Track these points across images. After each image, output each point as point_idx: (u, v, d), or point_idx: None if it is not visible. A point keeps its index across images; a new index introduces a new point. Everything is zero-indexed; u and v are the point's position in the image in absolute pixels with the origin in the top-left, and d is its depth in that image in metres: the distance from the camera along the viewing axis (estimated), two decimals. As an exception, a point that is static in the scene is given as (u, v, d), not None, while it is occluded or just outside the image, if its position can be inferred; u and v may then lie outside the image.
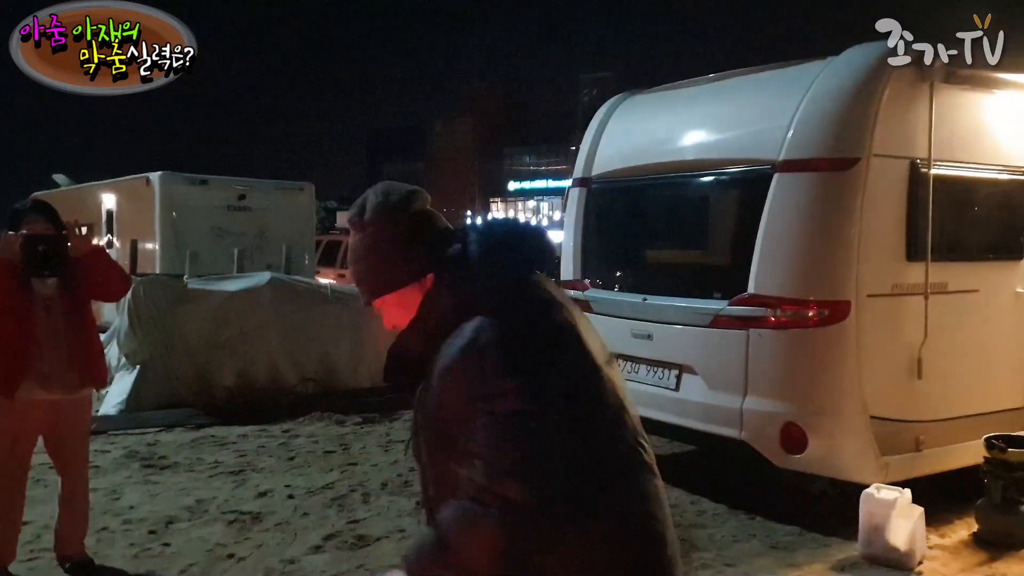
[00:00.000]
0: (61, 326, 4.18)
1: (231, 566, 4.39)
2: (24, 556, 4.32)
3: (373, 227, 1.68)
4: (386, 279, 1.68)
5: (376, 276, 1.69)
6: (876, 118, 4.75)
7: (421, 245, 1.68)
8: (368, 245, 1.69)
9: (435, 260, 1.67)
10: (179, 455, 6.52)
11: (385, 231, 1.68)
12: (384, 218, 1.68)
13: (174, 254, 10.65)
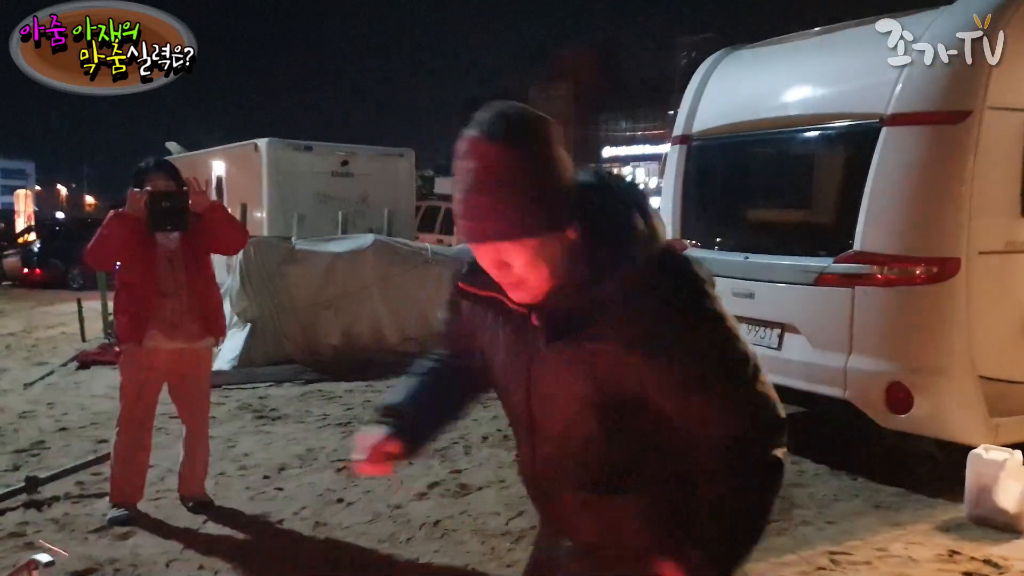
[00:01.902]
0: (183, 278, 4.44)
1: (341, 509, 4.61)
2: (151, 496, 4.64)
3: (526, 152, 1.33)
4: (536, 219, 1.35)
5: (522, 214, 1.33)
6: (991, 69, 4.55)
7: (573, 185, 1.40)
8: (517, 173, 1.32)
9: (587, 206, 1.42)
10: (289, 408, 6.84)
11: (542, 159, 1.35)
12: (541, 144, 1.35)
13: (281, 218, 11.04)
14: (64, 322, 11.96)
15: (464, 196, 1.36)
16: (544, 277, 1.41)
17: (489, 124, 1.34)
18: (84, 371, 8.38)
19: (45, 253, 19.51)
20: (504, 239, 1.36)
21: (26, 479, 4.75)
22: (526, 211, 1.33)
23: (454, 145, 1.38)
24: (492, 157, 1.32)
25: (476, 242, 1.40)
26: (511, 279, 1.42)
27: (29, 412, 6.75)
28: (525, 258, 1.38)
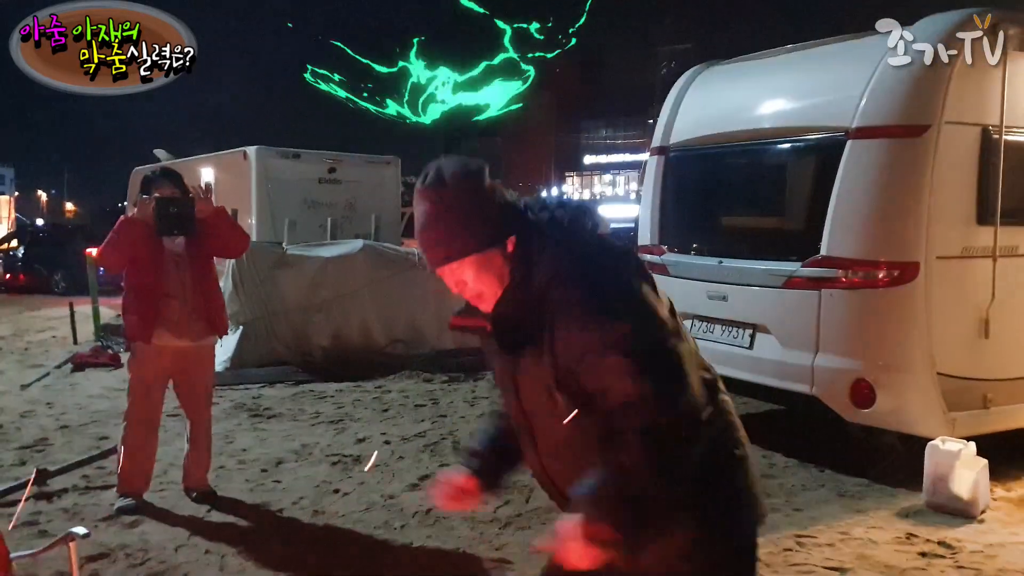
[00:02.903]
0: (189, 280, 4.69)
1: (337, 499, 4.86)
2: (155, 488, 4.87)
3: (455, 192, 1.70)
4: (470, 241, 1.70)
5: (458, 239, 1.70)
6: (948, 86, 4.89)
7: (501, 210, 1.73)
8: (450, 209, 1.70)
9: (518, 224, 1.74)
10: (282, 407, 7.08)
11: (467, 195, 1.70)
12: (466, 184, 1.71)
13: (270, 224, 11.25)
14: (53, 326, 12.10)
15: (419, 233, 1.76)
16: (495, 287, 1.74)
17: (427, 175, 1.73)
18: (79, 373, 8.56)
19: (28, 259, 19.56)
20: (450, 261, 1.72)
21: (36, 471, 4.95)
22: (460, 236, 1.70)
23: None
24: (429, 200, 1.71)
25: (434, 267, 1.75)
26: (471, 294, 1.76)
27: (29, 412, 6.94)
28: (472, 273, 1.73)
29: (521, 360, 1.75)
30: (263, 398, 7.41)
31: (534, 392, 1.75)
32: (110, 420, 6.45)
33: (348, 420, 6.64)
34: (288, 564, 3.96)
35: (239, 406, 7.06)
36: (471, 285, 1.74)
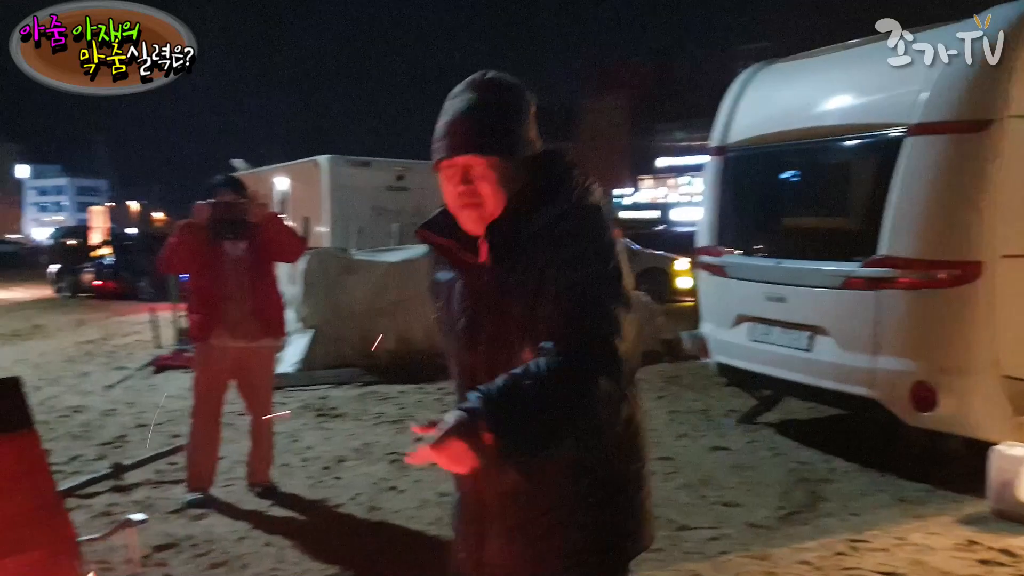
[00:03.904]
0: (246, 283, 4.88)
1: (393, 496, 4.99)
2: (222, 483, 5.08)
3: (506, 92, 1.71)
4: (504, 139, 1.67)
5: (493, 133, 1.67)
6: (1011, 80, 4.74)
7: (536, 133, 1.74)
8: (495, 104, 1.69)
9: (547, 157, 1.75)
10: (347, 407, 7.28)
11: (516, 100, 1.72)
12: (517, 91, 1.73)
13: (340, 230, 11.54)
14: (138, 330, 12.63)
15: (450, 119, 1.71)
16: (498, 200, 1.70)
17: (481, 73, 1.75)
18: (159, 375, 8.95)
19: (117, 266, 20.43)
20: (473, 151, 1.67)
21: (112, 466, 5.23)
22: (496, 132, 1.68)
23: None
24: (478, 91, 1.71)
25: (451, 154, 1.69)
26: (471, 199, 1.70)
27: (111, 410, 7.30)
28: (486, 174, 1.68)
29: (495, 278, 1.71)
30: (330, 398, 7.62)
31: (493, 314, 1.71)
32: (184, 419, 6.69)
33: (409, 420, 6.73)
34: (342, 558, 4.10)
35: (307, 406, 7.28)
36: (477, 186, 1.69)
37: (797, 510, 4.72)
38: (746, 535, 4.36)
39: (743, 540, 4.28)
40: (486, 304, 1.74)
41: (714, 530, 4.40)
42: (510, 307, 1.69)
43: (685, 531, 4.37)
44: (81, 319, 15.03)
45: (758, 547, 4.17)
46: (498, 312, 1.71)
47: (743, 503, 4.83)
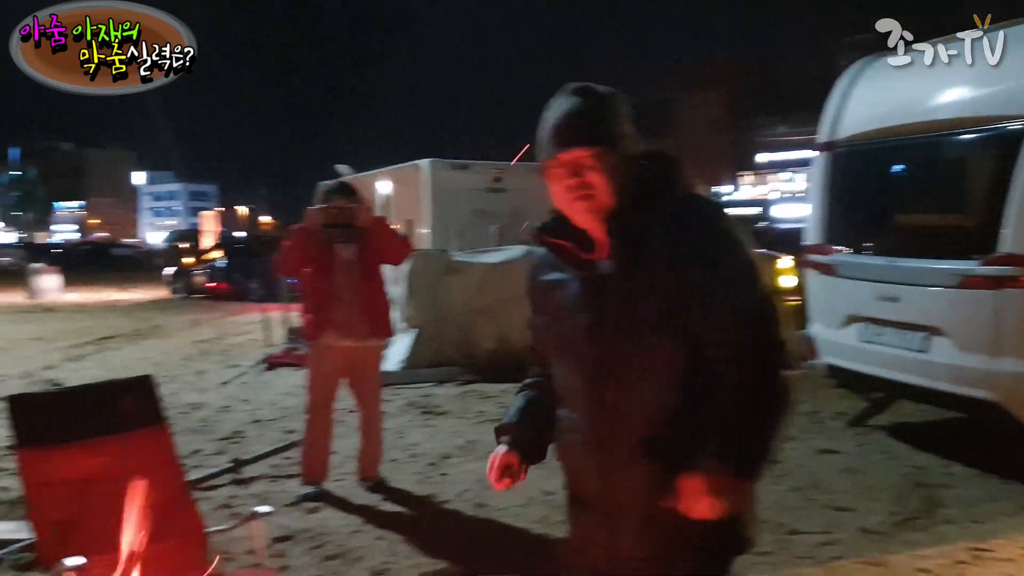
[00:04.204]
0: (355, 284, 5.05)
1: (498, 494, 5.02)
2: (334, 477, 5.26)
3: (608, 94, 1.80)
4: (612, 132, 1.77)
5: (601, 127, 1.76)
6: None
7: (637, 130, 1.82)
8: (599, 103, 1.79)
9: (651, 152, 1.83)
10: (450, 405, 7.42)
11: (618, 101, 1.81)
12: (618, 95, 1.83)
13: (441, 232, 11.73)
14: (249, 330, 13.16)
15: (553, 122, 1.79)
16: (608, 191, 1.75)
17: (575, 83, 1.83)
18: (271, 372, 9.33)
19: (229, 268, 21.32)
20: (584, 145, 1.74)
21: (232, 460, 5.49)
22: (603, 126, 1.76)
23: None
24: (582, 95, 1.79)
25: (561, 150, 1.76)
26: (582, 191, 1.76)
27: (227, 407, 7.65)
28: (595, 167, 1.74)
29: (619, 272, 1.75)
30: (433, 397, 7.79)
31: (620, 308, 1.75)
32: (297, 415, 6.97)
33: (511, 419, 6.86)
34: (452, 552, 4.20)
35: (411, 404, 7.46)
36: (586, 178, 1.75)
37: (913, 516, 4.57)
38: (859, 540, 4.25)
39: (856, 546, 4.18)
40: (611, 299, 1.77)
41: (825, 535, 4.31)
42: (637, 300, 1.73)
43: (795, 535, 4.29)
44: (196, 319, 15.77)
45: (872, 553, 4.06)
46: (625, 306, 1.75)
47: (855, 507, 4.71)
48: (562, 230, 1.84)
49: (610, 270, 1.77)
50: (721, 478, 1.61)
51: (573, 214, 1.80)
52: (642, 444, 1.76)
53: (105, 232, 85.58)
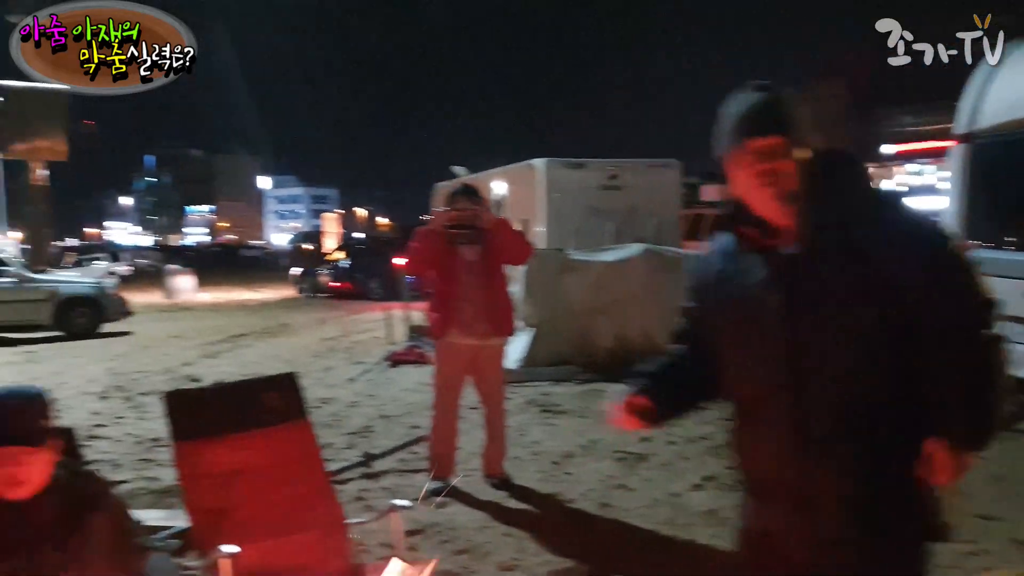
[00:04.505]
0: (479, 284, 5.14)
1: (623, 494, 5.06)
2: (460, 473, 5.35)
3: (783, 90, 1.92)
4: (799, 125, 1.86)
5: (796, 122, 1.86)
6: None
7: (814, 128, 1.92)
8: (782, 96, 1.90)
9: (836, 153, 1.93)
10: (570, 404, 7.45)
11: (794, 96, 1.91)
12: (789, 90, 1.94)
13: (557, 231, 11.78)
14: (372, 328, 13.56)
15: (746, 111, 1.88)
16: (795, 179, 1.83)
17: (762, 81, 1.93)
18: (394, 369, 9.59)
19: (351, 268, 22.02)
20: (772, 132, 1.83)
21: (363, 454, 5.67)
22: (786, 117, 1.85)
23: None
24: (759, 90, 1.90)
25: (749, 137, 1.84)
26: (771, 176, 1.83)
27: (355, 402, 7.90)
28: (784, 154, 1.82)
29: (811, 260, 1.80)
30: (552, 395, 7.83)
31: (817, 296, 1.79)
32: (421, 411, 7.14)
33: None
34: (579, 551, 4.21)
35: (531, 402, 7.52)
36: (775, 165, 1.82)
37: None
38: (1010, 552, 4.03)
39: (1007, 557, 3.97)
40: (802, 280, 1.81)
41: (972, 544, 4.10)
42: (828, 281, 1.78)
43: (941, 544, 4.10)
44: (322, 317, 16.36)
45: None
46: (817, 287, 1.80)
47: (1005, 517, 4.46)
48: (742, 220, 1.91)
49: (798, 252, 1.82)
50: (962, 447, 1.73)
51: (759, 200, 1.86)
52: (841, 424, 1.78)
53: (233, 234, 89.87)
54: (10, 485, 2.10)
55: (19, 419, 2.16)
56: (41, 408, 2.21)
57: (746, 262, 1.90)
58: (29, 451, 2.12)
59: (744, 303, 1.90)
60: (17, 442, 2.12)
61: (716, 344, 1.98)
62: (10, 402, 2.18)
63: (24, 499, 2.12)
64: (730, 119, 1.89)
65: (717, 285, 1.97)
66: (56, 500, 2.16)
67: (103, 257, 30.94)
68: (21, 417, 2.16)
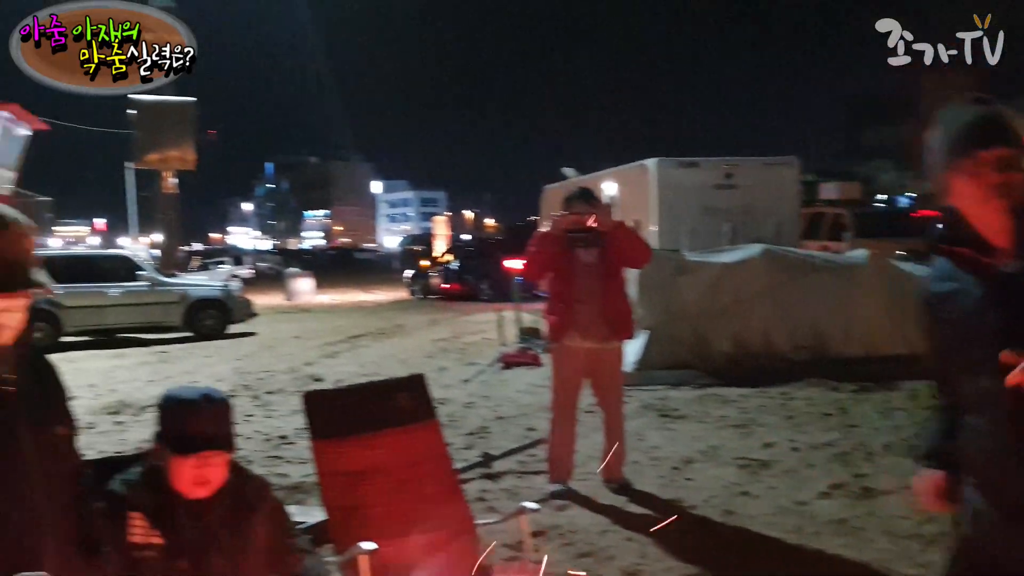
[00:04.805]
0: (597, 287, 5.13)
1: (748, 501, 4.95)
2: (578, 476, 5.36)
3: (997, 103, 1.90)
4: None
5: (1017, 131, 1.84)
6: None
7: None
8: (1003, 110, 1.87)
9: None
10: (688, 408, 7.34)
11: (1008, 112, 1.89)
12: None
13: (670, 232, 11.63)
14: (483, 329, 13.70)
15: (971, 123, 1.85)
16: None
17: (978, 94, 1.92)
18: (507, 371, 9.67)
19: (461, 270, 22.35)
20: (1008, 145, 1.79)
21: (482, 455, 5.75)
22: (1016, 132, 1.81)
23: None
24: (987, 103, 1.88)
25: (987, 147, 1.80)
26: (1004, 190, 1.78)
27: (471, 403, 8.01)
28: (1019, 166, 1.79)
29: None
30: (669, 399, 7.73)
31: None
32: (536, 413, 7.20)
33: (753, 425, 6.68)
34: (704, 558, 4.15)
35: (647, 406, 7.45)
36: (1010, 178, 1.78)
37: None
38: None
39: None
40: (1021, 298, 1.76)
41: None
42: None
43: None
44: (433, 319, 16.66)
45: None
46: None
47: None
48: (956, 238, 1.86)
49: (1016, 271, 1.76)
50: None
51: (984, 214, 1.81)
52: None
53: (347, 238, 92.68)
54: (200, 485, 2.21)
55: (224, 423, 2.27)
56: (231, 411, 2.33)
57: (963, 282, 1.85)
58: (226, 454, 2.24)
59: (962, 323, 1.85)
60: (222, 446, 2.24)
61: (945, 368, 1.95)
62: (218, 407, 2.28)
63: (204, 498, 2.22)
64: (954, 131, 1.86)
65: (937, 308, 1.93)
66: (227, 501, 2.25)
67: (226, 261, 32.48)
68: (225, 421, 2.28)
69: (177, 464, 2.19)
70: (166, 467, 2.21)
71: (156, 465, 2.24)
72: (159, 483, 2.21)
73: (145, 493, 2.20)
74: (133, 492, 2.20)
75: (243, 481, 2.33)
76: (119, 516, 2.15)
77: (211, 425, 2.23)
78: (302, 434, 6.82)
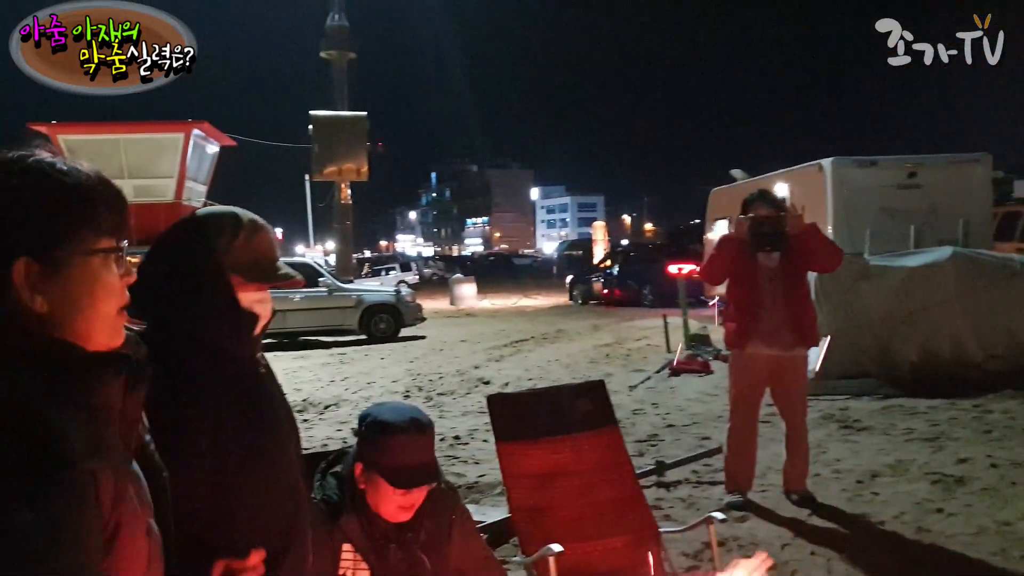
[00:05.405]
0: (781, 293, 4.96)
1: (942, 519, 4.65)
2: (757, 487, 5.21)
3: None
4: None
5: None
6: None
7: None
8: None
9: None
10: (871, 420, 6.97)
11: None
12: None
13: (846, 234, 11.09)
14: (646, 335, 13.59)
15: None
16: None
17: None
18: (675, 378, 9.53)
19: (622, 276, 22.25)
20: None
21: (656, 463, 5.70)
22: None
23: None
24: None
25: None
26: None
27: (639, 410, 7.96)
28: None
29: None
30: (850, 410, 7.38)
31: None
32: (708, 422, 7.07)
33: (945, 439, 6.26)
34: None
35: (827, 416, 7.15)
36: None
37: None
38: None
39: None
40: None
41: None
42: None
43: None
44: (595, 324, 16.67)
45: None
46: None
47: None
48: None
49: None
50: None
51: None
52: None
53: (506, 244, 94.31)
54: (405, 510, 2.18)
55: (432, 451, 2.23)
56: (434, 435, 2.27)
57: None
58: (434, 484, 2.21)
59: None
60: (435, 479, 2.21)
61: None
62: (427, 435, 2.20)
63: (406, 522, 2.20)
64: None
65: None
66: (426, 523, 2.22)
67: (395, 267, 33.84)
68: (432, 449, 2.23)
69: (386, 492, 2.14)
70: (371, 490, 2.17)
71: (357, 487, 2.18)
72: (363, 507, 2.17)
73: (352, 519, 2.16)
74: (341, 516, 2.16)
75: (437, 495, 2.26)
76: (328, 540, 2.12)
77: (426, 456, 2.18)
78: (475, 434, 7.06)
